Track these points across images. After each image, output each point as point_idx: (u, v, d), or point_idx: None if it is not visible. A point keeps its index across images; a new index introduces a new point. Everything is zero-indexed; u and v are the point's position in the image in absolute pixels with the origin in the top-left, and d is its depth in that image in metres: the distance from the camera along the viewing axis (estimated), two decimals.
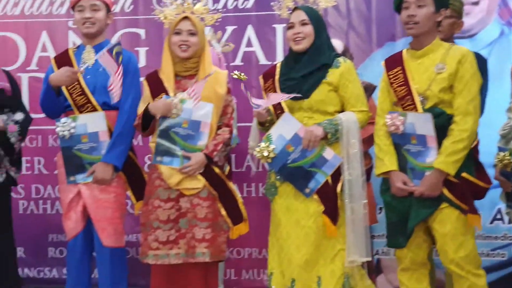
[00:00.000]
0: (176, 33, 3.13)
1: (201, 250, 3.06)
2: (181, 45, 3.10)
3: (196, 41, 3.12)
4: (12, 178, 3.40)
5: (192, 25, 3.13)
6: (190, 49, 3.11)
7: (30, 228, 4.27)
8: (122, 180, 3.31)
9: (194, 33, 3.12)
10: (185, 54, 3.11)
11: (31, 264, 4.33)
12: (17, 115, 3.30)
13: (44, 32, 4.27)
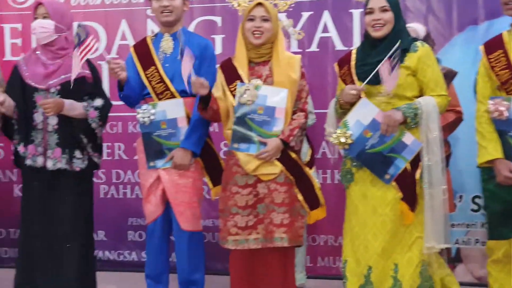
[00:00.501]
0: (249, 19, 3.13)
1: (279, 235, 3.07)
2: (254, 31, 3.10)
3: (269, 27, 3.11)
4: (94, 163, 3.49)
5: (265, 11, 3.12)
6: (263, 36, 3.11)
7: (110, 212, 4.41)
8: (199, 165, 3.37)
9: (268, 19, 3.11)
10: (258, 41, 3.11)
11: (111, 247, 4.48)
12: (96, 101, 3.36)
13: (124, 20, 4.38)
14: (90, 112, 3.34)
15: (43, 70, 3.34)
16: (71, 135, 3.33)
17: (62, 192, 3.36)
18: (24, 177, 3.46)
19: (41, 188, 3.36)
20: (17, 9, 4.48)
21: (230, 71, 3.17)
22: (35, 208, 3.37)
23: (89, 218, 3.51)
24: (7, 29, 4.51)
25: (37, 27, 3.33)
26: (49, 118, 3.30)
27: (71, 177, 3.35)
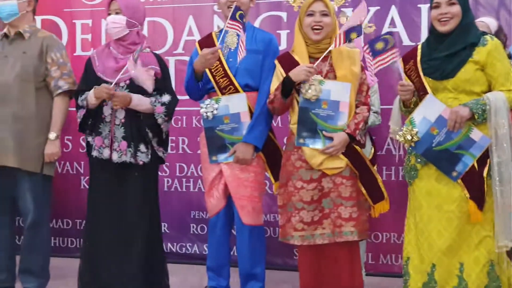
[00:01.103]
0: (308, 14, 3.13)
1: (349, 229, 3.06)
2: (314, 27, 3.10)
3: (329, 21, 3.11)
4: (160, 158, 3.54)
5: (324, 5, 3.11)
6: (323, 31, 3.10)
7: (173, 205, 4.49)
8: (261, 160, 3.40)
9: (327, 13, 3.11)
10: (318, 37, 3.11)
11: (174, 239, 4.55)
12: (164, 97, 3.42)
13: (191, 16, 4.45)
14: (157, 107, 3.39)
15: (114, 64, 3.43)
16: (137, 129, 3.40)
17: (127, 184, 3.43)
18: (91, 168, 3.56)
19: (108, 179, 3.45)
20: (88, 5, 4.62)
21: (291, 65, 3.16)
22: (101, 199, 3.46)
23: (155, 210, 3.57)
24: (78, 25, 4.65)
25: (109, 22, 3.42)
26: (117, 111, 3.39)
27: (136, 170, 3.42)
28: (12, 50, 3.60)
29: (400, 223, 3.35)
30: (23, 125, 3.54)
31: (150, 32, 4.42)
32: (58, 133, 3.60)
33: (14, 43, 3.62)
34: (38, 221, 3.62)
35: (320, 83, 3.07)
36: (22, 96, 3.54)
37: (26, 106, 3.55)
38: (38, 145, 3.57)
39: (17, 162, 3.52)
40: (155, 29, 4.49)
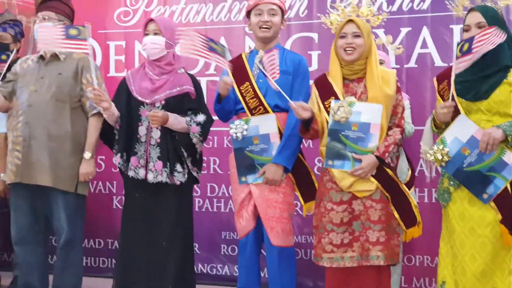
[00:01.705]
0: (341, 36, 3.16)
1: (376, 253, 3.04)
2: (346, 48, 3.13)
3: (361, 42, 3.13)
4: (194, 178, 3.59)
5: (356, 27, 3.14)
6: (355, 52, 3.12)
7: (204, 225, 4.50)
8: (291, 181, 3.40)
9: (359, 35, 3.13)
10: (350, 57, 3.13)
11: (204, 260, 4.55)
12: (199, 116, 3.47)
13: (222, 37, 4.50)
14: (192, 127, 3.45)
15: (150, 85, 3.51)
16: (173, 149, 3.46)
17: (162, 204, 3.48)
18: (126, 188, 3.62)
19: (143, 199, 3.50)
20: (122, 27, 4.71)
21: (325, 87, 3.20)
22: (136, 219, 3.52)
23: (189, 231, 3.61)
24: (112, 46, 4.75)
25: (148, 43, 3.49)
26: (153, 131, 3.45)
27: (172, 190, 3.47)
28: (48, 72, 3.69)
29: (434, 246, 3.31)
30: (58, 144, 3.61)
31: None
32: (93, 152, 3.67)
33: (50, 64, 3.71)
34: (71, 240, 3.67)
35: (350, 105, 3.08)
36: (58, 116, 3.62)
37: (61, 125, 3.62)
38: (73, 164, 3.63)
39: (51, 181, 3.58)
40: None
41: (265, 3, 3.40)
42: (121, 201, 4.43)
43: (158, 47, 3.49)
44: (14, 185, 3.66)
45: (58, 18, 3.71)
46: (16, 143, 3.63)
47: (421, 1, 4.14)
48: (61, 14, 3.72)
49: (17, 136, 3.62)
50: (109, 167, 4.69)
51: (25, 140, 3.60)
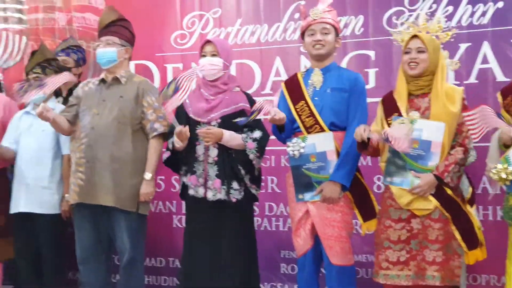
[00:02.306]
0: (406, 52, 3.19)
1: (431, 273, 3.02)
2: (410, 63, 3.14)
3: (425, 57, 3.13)
4: (253, 195, 3.65)
5: (421, 42, 3.15)
6: (418, 67, 3.13)
7: (263, 244, 4.43)
8: (348, 199, 3.40)
9: (423, 50, 3.14)
10: (413, 72, 3.14)
11: (264, 279, 4.49)
12: (255, 133, 3.53)
13: (278, 57, 4.54)
14: (248, 143, 3.51)
15: (205, 104, 3.59)
16: (230, 167, 3.52)
17: (223, 222, 3.55)
18: (187, 206, 3.71)
19: (203, 217, 3.57)
20: (178, 50, 4.80)
21: (390, 104, 3.22)
22: (197, 237, 3.59)
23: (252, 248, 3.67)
24: (170, 68, 4.84)
25: (206, 64, 3.59)
26: (210, 150, 3.53)
27: (232, 208, 3.53)
28: (110, 95, 3.80)
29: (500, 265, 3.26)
30: (120, 165, 3.71)
31: (238, 74, 4.52)
32: (153, 173, 3.76)
33: (112, 88, 3.83)
34: (133, 259, 3.76)
35: (411, 122, 3.07)
36: (119, 138, 3.72)
37: (123, 147, 3.73)
38: (134, 185, 3.73)
39: (114, 201, 3.68)
40: (243, 70, 4.60)
41: (317, 23, 3.44)
42: (181, 220, 4.50)
43: (216, 68, 3.57)
44: (78, 205, 3.78)
45: (121, 43, 3.83)
46: (79, 164, 3.75)
47: (481, 16, 4.09)
48: (123, 39, 3.85)
49: (80, 157, 3.74)
50: (169, 187, 4.77)
51: (88, 161, 3.72)
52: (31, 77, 4.12)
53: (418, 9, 4.16)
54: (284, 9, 4.55)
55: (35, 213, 4.00)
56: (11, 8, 5.40)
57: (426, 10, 4.09)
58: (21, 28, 5.36)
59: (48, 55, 4.19)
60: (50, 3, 5.21)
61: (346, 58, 4.36)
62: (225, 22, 4.70)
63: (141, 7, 4.80)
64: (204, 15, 4.74)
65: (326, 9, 3.46)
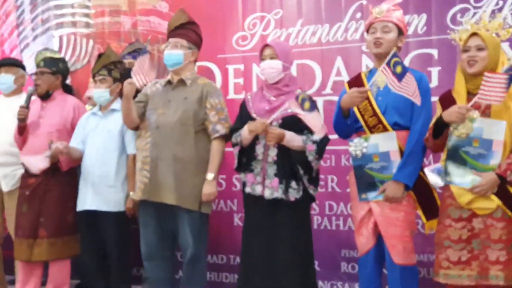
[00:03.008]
0: (465, 50, 3.17)
1: (495, 273, 3.00)
2: (469, 61, 3.13)
3: (484, 55, 3.12)
4: (310, 195, 3.70)
5: (481, 40, 3.13)
6: (477, 65, 3.11)
7: (324, 243, 4.53)
8: (412, 199, 3.40)
9: (483, 48, 3.12)
10: (472, 70, 3.13)
11: (324, 277, 4.59)
12: (315, 135, 3.59)
13: (339, 57, 4.57)
14: (308, 145, 3.56)
15: (267, 106, 3.67)
16: (289, 166, 3.59)
17: (280, 221, 3.60)
18: (245, 204, 3.79)
19: (260, 216, 3.65)
20: (240, 51, 4.89)
21: (448, 102, 3.20)
22: (255, 235, 3.66)
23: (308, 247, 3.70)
24: (231, 70, 4.92)
25: (266, 68, 3.67)
26: (270, 149, 3.61)
27: (288, 207, 3.59)
28: (175, 96, 3.92)
29: None
30: (182, 165, 3.81)
31: (299, 74, 4.58)
32: (215, 174, 3.85)
33: (177, 89, 3.95)
34: (196, 256, 3.87)
35: (471, 121, 3.06)
36: (183, 139, 3.83)
37: (186, 148, 3.83)
38: (196, 184, 3.82)
39: (177, 200, 3.79)
40: (304, 70, 4.65)
41: (379, 21, 3.45)
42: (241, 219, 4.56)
43: (275, 71, 3.65)
44: (143, 202, 3.91)
45: (188, 46, 3.95)
46: (144, 162, 3.88)
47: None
48: (190, 42, 3.96)
49: (145, 156, 3.88)
50: (230, 186, 4.87)
51: (153, 160, 3.85)
52: (96, 79, 4.28)
53: (483, 6, 4.13)
54: (345, 9, 4.58)
55: (101, 210, 4.14)
56: (79, 12, 5.62)
57: (493, 7, 4.05)
58: (88, 32, 5.57)
59: (114, 58, 4.32)
60: (116, 7, 5.39)
61: (408, 57, 4.35)
62: (286, 23, 4.75)
63: (204, 10, 4.91)
64: (265, 16, 4.81)
65: (391, 8, 3.47)
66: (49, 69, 4.38)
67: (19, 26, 6.01)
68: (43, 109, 4.40)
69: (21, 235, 4.24)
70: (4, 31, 6.08)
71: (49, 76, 4.38)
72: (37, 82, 4.35)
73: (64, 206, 4.26)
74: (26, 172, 4.34)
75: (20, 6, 5.99)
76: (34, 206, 4.23)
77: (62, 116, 4.38)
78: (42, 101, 4.42)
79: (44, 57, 4.39)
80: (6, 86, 4.65)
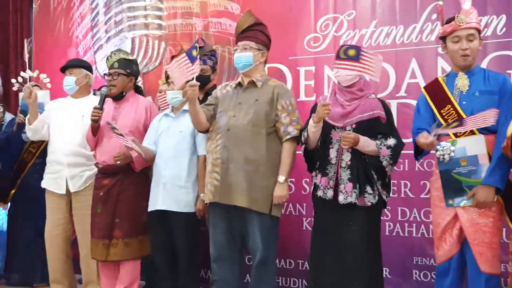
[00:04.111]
0: None
1: None
2: None
3: None
4: (383, 201, 3.67)
5: None
6: None
7: (395, 250, 4.48)
8: (499, 204, 3.33)
9: None
10: None
11: (395, 285, 4.53)
12: (389, 140, 3.56)
13: (413, 59, 4.51)
14: (382, 150, 3.54)
15: (341, 110, 3.65)
16: (363, 171, 3.57)
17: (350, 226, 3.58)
18: (316, 207, 3.78)
19: (331, 220, 3.63)
20: (312, 53, 4.87)
21: None
22: (324, 239, 3.65)
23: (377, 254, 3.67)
24: (302, 71, 4.92)
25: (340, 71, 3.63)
26: (344, 154, 3.59)
27: (360, 212, 3.57)
28: (246, 98, 3.93)
29: None
30: (254, 168, 3.81)
31: None
32: (287, 176, 3.83)
33: (248, 91, 3.95)
34: (265, 259, 3.84)
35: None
36: (254, 141, 3.83)
37: (257, 150, 3.82)
38: (267, 187, 3.81)
39: (248, 202, 3.79)
40: None
41: (463, 28, 3.38)
42: (311, 223, 4.55)
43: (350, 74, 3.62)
44: (212, 204, 3.92)
45: (257, 48, 3.95)
46: (215, 165, 3.89)
47: None
48: (259, 43, 3.97)
49: (216, 158, 3.89)
50: (299, 190, 4.85)
51: (224, 162, 3.85)
52: (170, 81, 4.34)
53: None
54: (421, 10, 4.51)
55: (172, 211, 4.17)
56: (152, 14, 5.73)
57: None
58: (160, 34, 5.67)
59: None
60: (188, 9, 5.47)
61: (486, 59, 4.24)
62: (359, 24, 4.71)
63: (275, 11, 4.92)
64: (338, 17, 4.79)
65: (470, 10, 3.40)
66: (124, 70, 4.44)
67: (93, 28, 6.18)
68: (116, 110, 4.48)
69: (96, 236, 4.33)
70: (79, 33, 6.27)
71: (124, 78, 4.45)
72: (112, 83, 4.42)
73: (138, 206, 4.33)
74: (99, 173, 4.44)
75: (95, 9, 6.16)
76: (109, 207, 4.32)
77: (135, 117, 4.45)
78: (115, 102, 4.51)
79: (118, 59, 4.46)
80: (69, 87, 4.73)
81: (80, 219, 4.53)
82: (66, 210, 4.73)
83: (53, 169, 4.71)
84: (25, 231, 5.37)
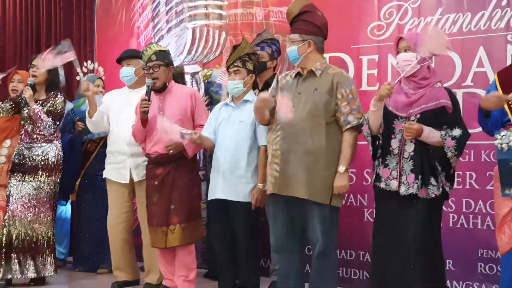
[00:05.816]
0: None
1: None
2: None
3: None
4: (446, 193, 3.65)
5: None
6: None
7: (459, 242, 4.46)
8: None
9: None
10: None
11: (459, 278, 4.51)
12: (455, 131, 3.53)
13: (481, 47, 4.45)
14: (447, 141, 3.52)
15: (405, 99, 3.65)
16: (427, 162, 3.56)
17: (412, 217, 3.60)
18: (377, 198, 3.80)
19: (393, 211, 3.65)
20: (375, 41, 4.87)
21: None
22: (385, 230, 3.68)
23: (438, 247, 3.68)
24: (365, 60, 4.92)
25: (400, 61, 3.66)
26: (406, 145, 3.60)
27: (422, 203, 3.57)
28: (305, 88, 3.93)
29: None
30: (314, 158, 3.82)
31: (438, 65, 4.49)
32: (348, 166, 3.83)
33: (307, 80, 3.95)
34: (326, 250, 3.87)
35: None
36: (313, 131, 3.83)
37: (317, 140, 3.83)
38: (327, 177, 3.82)
39: (307, 193, 3.81)
40: (443, 62, 4.55)
41: None
42: (372, 214, 4.57)
43: (409, 63, 3.61)
44: (273, 195, 3.97)
45: (302, 39, 3.92)
46: (274, 156, 3.93)
47: None
48: (304, 34, 3.93)
49: (275, 149, 3.93)
50: (361, 180, 4.87)
51: (283, 154, 3.88)
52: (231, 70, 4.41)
53: None
54: None
55: (231, 200, 4.26)
56: (212, 4, 5.83)
57: None
58: (221, 23, 5.76)
59: (249, 49, 4.40)
60: None
61: None
62: (424, 11, 4.67)
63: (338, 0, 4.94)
64: (403, 5, 4.76)
65: None
66: (162, 61, 4.55)
67: (154, 19, 6.33)
68: (161, 102, 4.59)
69: (155, 224, 4.48)
70: (140, 24, 6.43)
71: (164, 69, 4.55)
72: (154, 76, 4.52)
73: (192, 191, 4.54)
74: (151, 163, 4.58)
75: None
76: (164, 195, 4.47)
77: (182, 105, 4.56)
78: (159, 94, 4.61)
79: (155, 51, 4.56)
80: (128, 78, 4.90)
81: (144, 207, 4.67)
82: (128, 199, 4.92)
83: (116, 159, 4.89)
84: (88, 219, 5.60)
